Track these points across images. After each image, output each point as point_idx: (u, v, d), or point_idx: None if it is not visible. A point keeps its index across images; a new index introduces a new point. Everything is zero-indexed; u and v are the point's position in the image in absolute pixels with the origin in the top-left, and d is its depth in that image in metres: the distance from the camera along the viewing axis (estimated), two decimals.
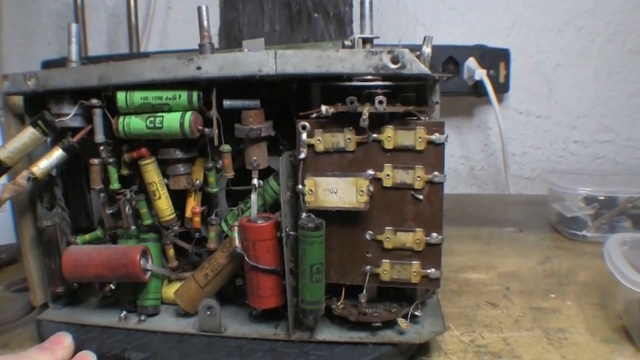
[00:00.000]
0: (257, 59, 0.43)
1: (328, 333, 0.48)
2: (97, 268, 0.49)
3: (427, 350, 0.48)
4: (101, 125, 0.50)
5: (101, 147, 0.50)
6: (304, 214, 0.45)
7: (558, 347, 0.49)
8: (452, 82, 1.06)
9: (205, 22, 0.46)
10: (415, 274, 0.46)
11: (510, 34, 1.12)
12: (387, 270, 0.46)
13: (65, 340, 0.44)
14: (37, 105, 0.51)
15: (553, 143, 1.14)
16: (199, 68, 0.44)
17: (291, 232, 0.45)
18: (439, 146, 0.44)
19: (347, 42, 0.46)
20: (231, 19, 0.72)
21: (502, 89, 1.09)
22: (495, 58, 1.08)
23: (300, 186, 0.45)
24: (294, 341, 0.47)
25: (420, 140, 0.44)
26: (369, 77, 0.43)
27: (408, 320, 0.47)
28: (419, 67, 0.41)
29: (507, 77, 1.10)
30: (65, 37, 1.21)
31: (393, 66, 0.41)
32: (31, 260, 0.54)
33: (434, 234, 0.46)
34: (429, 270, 0.46)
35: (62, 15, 1.23)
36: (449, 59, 1.05)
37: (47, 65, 1.10)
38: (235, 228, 0.48)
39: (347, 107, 0.43)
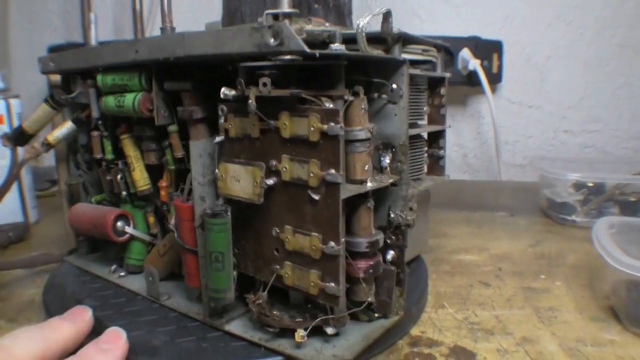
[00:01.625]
0: (173, 41, 0.42)
1: (237, 325, 0.45)
2: (85, 224, 0.57)
3: (422, 327, 0.50)
4: (95, 103, 0.54)
5: (99, 122, 0.56)
6: (220, 200, 0.44)
7: (548, 325, 0.51)
8: (447, 72, 1.08)
9: (165, 7, 0.50)
10: (313, 284, 0.40)
11: (504, 26, 1.14)
12: (288, 273, 0.42)
13: (86, 314, 0.44)
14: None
15: (544, 132, 1.17)
16: (136, 51, 0.45)
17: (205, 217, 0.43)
18: (335, 139, 0.37)
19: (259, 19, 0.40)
20: (234, 8, 0.73)
21: (495, 79, 1.12)
22: (488, 49, 1.10)
23: (216, 171, 0.44)
24: (206, 324, 0.46)
25: (312, 129, 0.38)
26: (286, 57, 0.36)
27: (307, 333, 0.41)
28: (297, 44, 0.34)
29: (500, 67, 1.13)
30: (71, 22, 1.22)
31: (273, 43, 0.35)
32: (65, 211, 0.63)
33: (332, 243, 0.39)
34: (327, 284, 0.39)
35: (68, 1, 1.24)
36: (444, 49, 1.07)
37: (53, 50, 1.11)
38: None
39: (239, 90, 0.40)
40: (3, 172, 0.78)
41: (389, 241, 0.46)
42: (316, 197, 0.39)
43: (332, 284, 0.39)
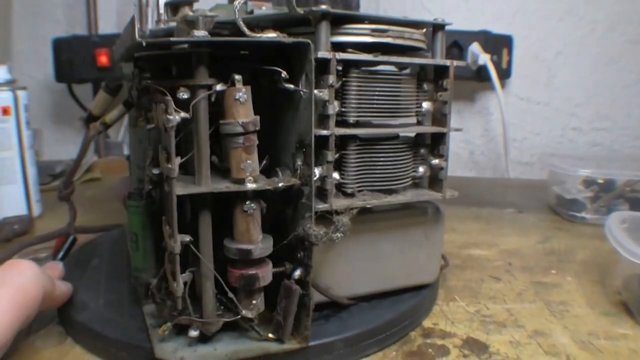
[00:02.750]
0: (122, 38, 0.44)
1: (150, 308, 0.44)
2: None
3: (434, 319, 0.50)
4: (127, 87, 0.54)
5: None
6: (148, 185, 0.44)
7: (560, 319, 0.51)
8: (456, 66, 1.07)
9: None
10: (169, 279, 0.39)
11: (513, 21, 1.13)
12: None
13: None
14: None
15: (552, 129, 1.16)
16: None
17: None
18: (171, 130, 0.35)
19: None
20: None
21: (504, 75, 1.11)
22: (498, 44, 1.09)
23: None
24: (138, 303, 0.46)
25: (159, 121, 0.37)
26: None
27: (170, 326, 0.39)
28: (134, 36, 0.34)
29: (509, 63, 1.12)
30: (74, 15, 1.22)
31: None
32: None
33: (172, 239, 0.37)
34: (171, 279, 0.38)
35: None
36: (454, 43, 1.07)
37: (58, 43, 1.11)
38: None
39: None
40: (4, 165, 0.79)
41: (299, 256, 0.40)
42: (166, 190, 0.37)
43: (173, 280, 0.38)
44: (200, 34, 0.35)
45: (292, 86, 0.37)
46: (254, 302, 0.39)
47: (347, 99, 0.42)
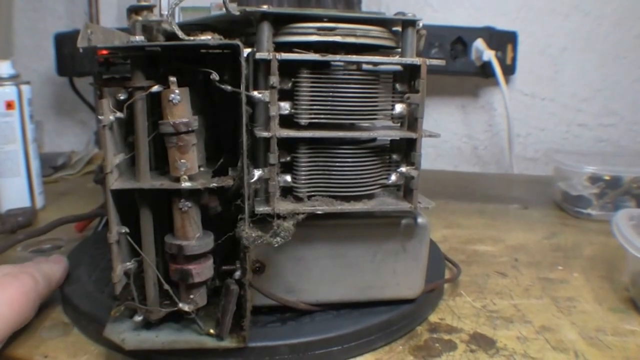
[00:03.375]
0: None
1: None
2: None
3: (440, 314, 0.50)
4: None
5: None
6: None
7: (567, 314, 0.50)
8: (460, 62, 1.07)
9: None
10: None
11: (518, 17, 1.12)
12: None
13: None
14: None
15: (557, 125, 1.15)
16: None
17: None
18: (101, 130, 0.37)
19: None
20: None
21: (508, 70, 1.11)
22: (502, 40, 1.09)
23: None
24: None
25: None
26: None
27: (121, 309, 0.41)
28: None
29: (513, 59, 1.11)
30: (75, 10, 1.21)
31: None
32: None
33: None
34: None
35: None
36: (458, 39, 1.06)
37: (60, 38, 1.10)
38: None
39: None
40: (8, 158, 0.79)
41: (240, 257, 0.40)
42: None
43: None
44: (137, 39, 0.38)
45: (229, 87, 0.37)
46: (191, 296, 0.40)
47: (298, 101, 0.40)
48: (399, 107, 0.43)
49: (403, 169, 0.43)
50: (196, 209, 0.39)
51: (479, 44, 1.06)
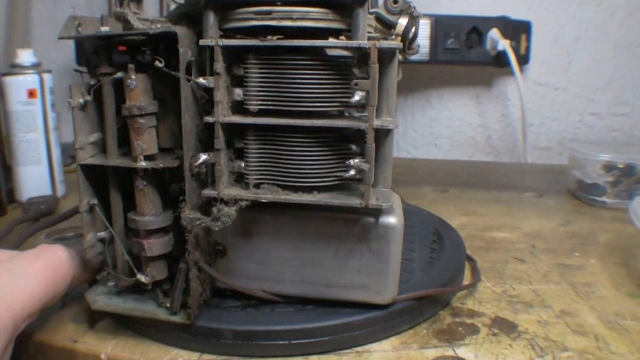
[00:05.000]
0: None
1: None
2: None
3: (462, 299, 0.51)
4: None
5: None
6: None
7: (586, 299, 0.52)
8: (475, 52, 1.08)
9: None
10: None
11: (532, 6, 1.13)
12: None
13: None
14: None
15: (570, 115, 1.16)
16: None
17: None
18: (72, 111, 0.42)
19: None
20: None
21: (522, 60, 1.11)
22: (517, 30, 1.09)
23: None
24: None
25: None
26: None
27: (104, 274, 0.46)
28: None
29: (527, 49, 1.12)
30: (94, 1, 1.23)
31: None
32: None
33: None
34: None
35: None
36: (473, 29, 1.07)
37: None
38: None
39: None
40: (30, 146, 0.80)
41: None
42: None
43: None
44: (105, 29, 0.41)
45: (178, 74, 0.39)
46: (148, 269, 0.43)
47: (247, 87, 0.40)
48: (357, 95, 0.39)
49: (354, 161, 0.40)
50: (151, 188, 0.42)
51: (494, 33, 1.06)
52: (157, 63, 0.39)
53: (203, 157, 0.40)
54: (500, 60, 1.07)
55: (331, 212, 0.43)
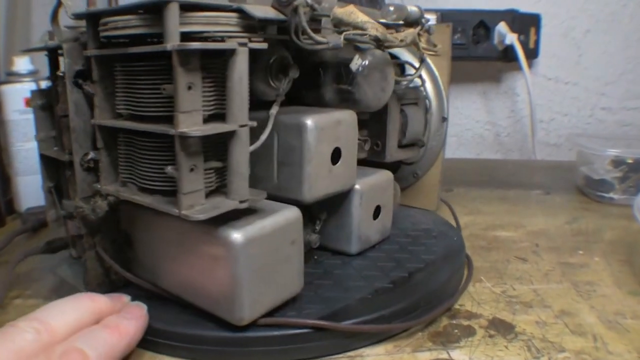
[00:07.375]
0: None
1: None
2: None
3: (460, 300, 0.51)
4: None
5: None
6: None
7: (587, 299, 0.51)
8: (482, 47, 1.06)
9: None
10: None
11: None
12: None
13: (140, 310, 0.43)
14: None
15: (581, 109, 1.14)
16: None
17: None
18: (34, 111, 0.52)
19: None
20: None
21: (531, 54, 1.10)
22: (525, 23, 1.08)
23: None
24: None
25: None
26: None
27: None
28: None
29: (537, 42, 1.10)
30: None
31: None
32: None
33: None
34: None
35: None
36: (480, 23, 1.06)
37: None
38: None
39: None
40: (28, 156, 0.79)
41: None
42: None
43: None
44: (52, 43, 0.48)
45: (76, 81, 0.44)
46: (77, 245, 0.50)
47: (116, 92, 0.43)
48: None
49: (169, 168, 0.38)
50: (71, 177, 0.47)
51: (502, 27, 1.05)
52: (58, 72, 0.47)
53: (91, 154, 0.45)
54: (508, 54, 1.06)
55: (172, 218, 0.39)
